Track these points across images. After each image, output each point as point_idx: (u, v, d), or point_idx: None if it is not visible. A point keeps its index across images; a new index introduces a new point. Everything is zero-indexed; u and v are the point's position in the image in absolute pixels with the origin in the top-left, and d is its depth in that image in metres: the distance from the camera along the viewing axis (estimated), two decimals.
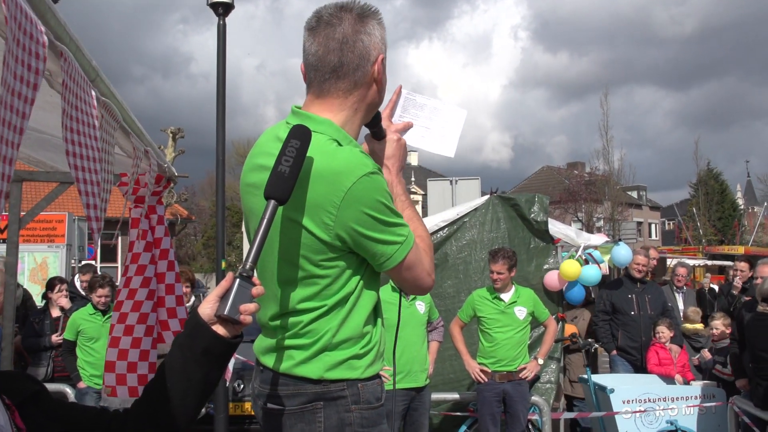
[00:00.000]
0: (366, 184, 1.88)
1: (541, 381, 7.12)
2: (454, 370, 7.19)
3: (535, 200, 7.50)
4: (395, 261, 1.98)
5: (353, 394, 2.00)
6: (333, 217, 1.89)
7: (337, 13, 2.01)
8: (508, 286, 6.10)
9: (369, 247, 1.95)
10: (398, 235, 1.97)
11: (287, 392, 2.00)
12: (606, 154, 44.62)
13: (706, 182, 50.90)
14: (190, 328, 1.64)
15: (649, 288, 7.91)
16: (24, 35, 1.52)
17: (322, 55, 2.00)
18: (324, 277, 1.96)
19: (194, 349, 1.60)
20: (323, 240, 1.92)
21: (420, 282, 2.09)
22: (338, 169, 1.88)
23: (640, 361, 7.52)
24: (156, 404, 1.61)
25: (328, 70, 2.01)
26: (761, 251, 33.50)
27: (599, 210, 45.08)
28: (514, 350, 6.00)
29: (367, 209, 1.90)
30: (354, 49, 2.00)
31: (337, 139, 1.97)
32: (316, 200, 1.89)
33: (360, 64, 2.02)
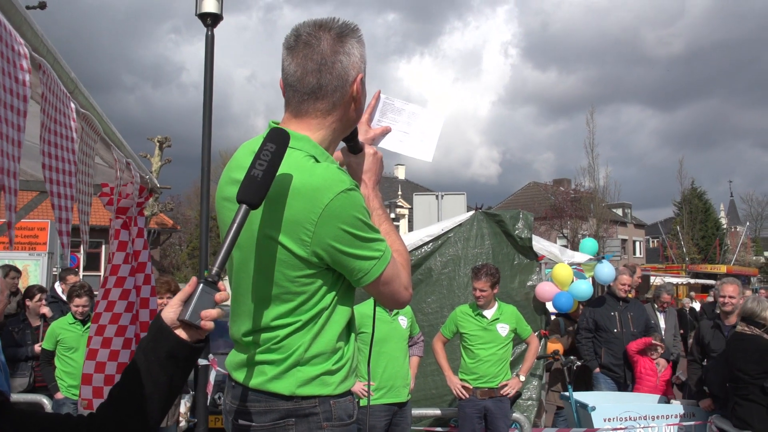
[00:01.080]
0: (343, 201, 1.87)
1: (523, 398, 7.11)
2: (436, 386, 7.17)
3: (520, 217, 7.52)
4: (372, 276, 1.97)
5: (325, 411, 1.98)
6: (310, 234, 1.88)
7: (316, 32, 2.00)
8: (491, 302, 6.09)
9: (346, 263, 1.94)
10: (376, 251, 1.96)
11: (258, 408, 1.98)
12: (592, 171, 44.92)
13: (690, 201, 51.31)
14: (153, 332, 1.63)
15: (632, 306, 7.94)
16: (6, 47, 1.50)
17: (300, 76, 1.99)
18: (300, 293, 1.95)
19: (158, 353, 1.59)
20: (300, 257, 1.90)
21: (397, 296, 2.08)
22: (315, 185, 1.87)
23: (624, 379, 7.54)
24: (121, 408, 1.59)
25: (307, 91, 2.00)
26: (743, 270, 33.78)
27: (584, 227, 45.24)
28: (496, 367, 5.98)
29: (345, 225, 1.88)
30: (332, 70, 1.99)
31: (314, 155, 1.97)
32: (294, 217, 1.87)
33: (339, 86, 2.01)
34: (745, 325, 5.74)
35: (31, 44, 1.68)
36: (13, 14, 1.52)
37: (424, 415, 6.77)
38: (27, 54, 1.57)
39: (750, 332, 5.66)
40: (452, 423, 6.62)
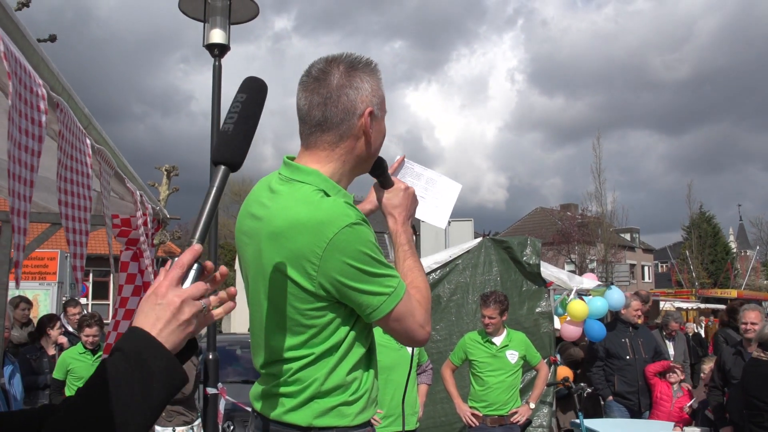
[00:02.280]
0: (348, 235, 1.86)
1: (533, 425, 7.07)
2: (446, 413, 7.14)
3: (528, 243, 7.52)
4: (382, 312, 1.94)
5: None
6: (316, 267, 1.87)
7: (325, 67, 2.03)
8: (500, 329, 6.08)
9: (354, 297, 1.92)
10: (386, 287, 1.93)
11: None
12: (599, 196, 44.91)
13: (699, 225, 51.15)
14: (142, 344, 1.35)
15: (641, 331, 7.91)
16: (25, 89, 1.53)
17: (307, 109, 2.03)
18: (311, 326, 1.94)
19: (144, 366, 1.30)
20: (307, 290, 1.90)
21: (411, 334, 2.03)
22: (321, 219, 1.87)
23: (638, 406, 7.48)
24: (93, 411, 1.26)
25: (314, 123, 2.03)
26: (754, 295, 33.52)
27: (592, 252, 45.12)
28: (506, 394, 5.95)
29: (350, 260, 1.87)
30: (338, 103, 2.00)
31: (323, 189, 1.98)
32: (300, 250, 1.88)
33: (344, 118, 2.02)
34: (761, 351, 5.68)
35: (48, 83, 1.72)
36: (31, 54, 1.55)
37: None
38: (45, 95, 1.61)
39: (766, 358, 5.61)
40: None
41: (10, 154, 1.49)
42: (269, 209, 1.98)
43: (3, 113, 1.84)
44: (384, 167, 2.22)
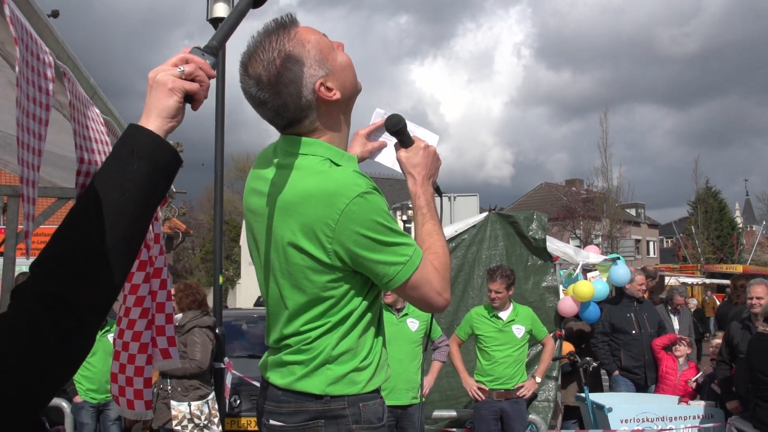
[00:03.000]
0: (360, 205, 1.85)
1: (539, 399, 7.09)
2: (452, 387, 7.16)
3: (534, 218, 7.50)
4: (398, 281, 1.94)
5: (354, 414, 1.99)
6: (330, 239, 1.87)
7: (249, 80, 1.93)
8: (507, 304, 6.08)
9: (369, 267, 1.92)
10: (400, 255, 1.92)
11: (289, 409, 2.00)
12: (605, 171, 44.75)
13: (705, 200, 50.95)
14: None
15: (646, 306, 7.92)
16: (32, 56, 1.50)
17: (271, 119, 1.98)
18: (328, 298, 1.95)
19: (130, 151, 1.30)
20: (323, 262, 1.90)
21: (430, 301, 2.02)
22: (331, 190, 1.86)
23: (644, 380, 7.50)
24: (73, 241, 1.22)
25: (285, 125, 1.99)
26: (759, 270, 33.49)
27: (597, 227, 45.06)
28: (512, 368, 5.97)
29: (363, 229, 1.87)
30: (288, 106, 1.94)
31: (330, 158, 1.96)
32: (313, 222, 1.88)
33: (305, 106, 1.95)
34: (767, 326, 5.69)
35: (53, 51, 1.69)
36: (36, 21, 1.52)
37: (439, 416, 6.76)
38: (52, 63, 1.58)
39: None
40: (468, 425, 6.61)
41: (19, 122, 1.46)
42: (275, 184, 1.97)
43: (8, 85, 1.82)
44: (403, 125, 2.17)
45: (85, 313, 1.20)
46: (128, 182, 1.25)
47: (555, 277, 7.51)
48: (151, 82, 1.41)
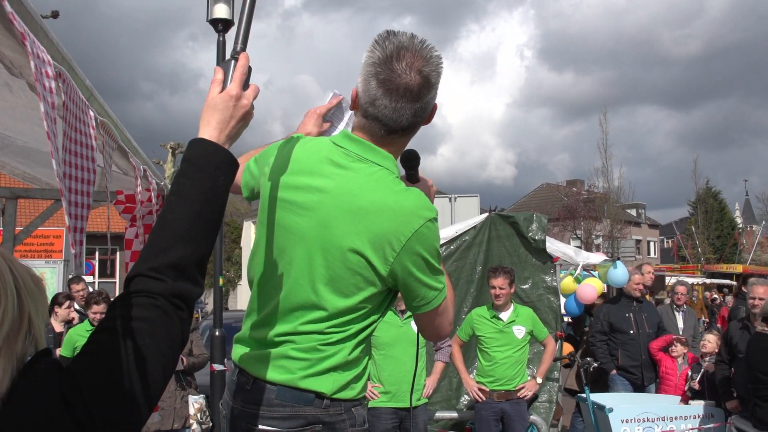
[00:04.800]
0: (430, 229, 1.94)
1: (540, 400, 7.09)
2: (452, 388, 7.16)
3: (534, 219, 7.50)
4: (432, 306, 2.02)
5: (350, 417, 2.00)
6: (395, 254, 1.92)
7: (423, 82, 1.95)
8: (508, 304, 6.07)
9: (415, 288, 1.99)
10: (440, 282, 2.02)
11: (284, 413, 1.96)
12: (605, 172, 44.76)
13: (705, 201, 51.00)
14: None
15: (645, 306, 7.90)
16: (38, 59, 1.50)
17: (395, 118, 1.97)
18: (363, 308, 2.00)
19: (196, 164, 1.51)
20: (379, 273, 1.95)
21: (442, 330, 2.15)
22: (409, 209, 1.93)
23: (641, 380, 7.50)
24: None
25: (396, 129, 2.00)
26: (759, 270, 33.49)
27: (598, 228, 45.06)
28: (513, 369, 5.97)
29: (424, 252, 1.94)
30: (424, 113, 2.01)
31: (397, 177, 2.04)
32: (384, 234, 1.92)
33: (423, 119, 2.04)
34: (765, 326, 5.68)
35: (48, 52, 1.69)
36: (29, 22, 1.52)
37: (441, 417, 6.76)
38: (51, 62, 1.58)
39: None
40: (469, 425, 6.60)
41: (49, 127, 1.47)
42: (342, 185, 1.97)
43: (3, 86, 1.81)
44: (417, 162, 2.22)
45: (189, 310, 1.41)
46: (215, 195, 1.49)
47: (555, 278, 7.51)
48: (245, 108, 1.65)
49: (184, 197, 1.44)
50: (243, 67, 1.64)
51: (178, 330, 1.35)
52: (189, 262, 1.40)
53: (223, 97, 1.60)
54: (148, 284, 1.34)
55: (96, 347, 1.25)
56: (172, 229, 1.41)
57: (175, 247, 1.38)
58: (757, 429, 5.60)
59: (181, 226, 1.41)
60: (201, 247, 1.43)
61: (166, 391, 6.07)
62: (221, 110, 1.58)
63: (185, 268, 1.39)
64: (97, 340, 1.26)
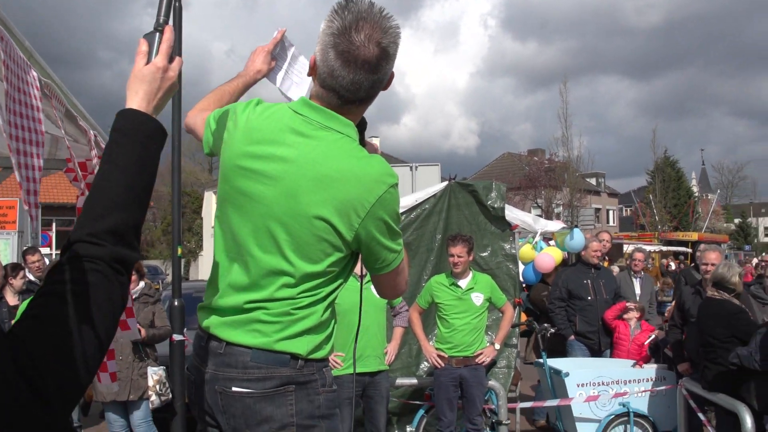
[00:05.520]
0: (392, 195, 2.03)
1: (498, 366, 7.19)
2: (412, 355, 7.23)
3: (493, 187, 7.54)
4: (393, 267, 2.14)
5: (321, 378, 2.09)
6: (360, 220, 2.00)
7: (381, 54, 1.99)
8: (466, 272, 6.13)
9: (377, 251, 2.09)
10: (399, 245, 2.14)
11: (258, 375, 2.02)
12: (566, 141, 45.14)
13: (663, 170, 51.74)
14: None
15: (603, 273, 8.04)
16: None
17: (354, 89, 2.01)
18: (331, 272, 2.07)
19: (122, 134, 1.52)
20: (344, 239, 2.02)
21: (399, 288, 2.28)
22: (374, 176, 2.00)
23: (598, 345, 7.65)
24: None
25: (355, 99, 2.05)
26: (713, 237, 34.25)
27: (558, 196, 45.54)
28: (471, 336, 6.04)
29: (387, 217, 2.03)
30: (382, 81, 2.06)
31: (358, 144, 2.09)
32: (350, 201, 1.98)
33: (380, 89, 2.10)
34: (715, 291, 5.83)
35: None
36: None
37: (400, 384, 6.82)
38: None
39: (720, 297, 5.76)
40: (428, 392, 6.68)
41: None
42: (305, 153, 2.00)
43: None
44: (364, 127, 2.25)
45: (129, 276, 1.43)
46: (148, 162, 1.50)
47: (513, 246, 7.59)
48: (172, 80, 1.65)
49: (118, 165, 1.45)
50: (169, 40, 1.65)
51: (118, 293, 1.37)
52: (126, 228, 1.42)
53: (150, 68, 1.61)
54: (87, 249, 1.36)
55: (39, 311, 1.26)
56: (108, 196, 1.42)
57: (111, 213, 1.40)
58: (706, 390, 5.77)
59: (117, 193, 1.42)
60: (136, 213, 1.45)
61: (124, 362, 6.04)
62: (149, 82, 1.60)
63: (123, 234, 1.41)
64: (40, 304, 1.28)
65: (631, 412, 6.57)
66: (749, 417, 5.23)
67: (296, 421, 2.02)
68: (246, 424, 2.03)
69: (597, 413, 6.62)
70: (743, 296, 6.00)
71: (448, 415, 6.04)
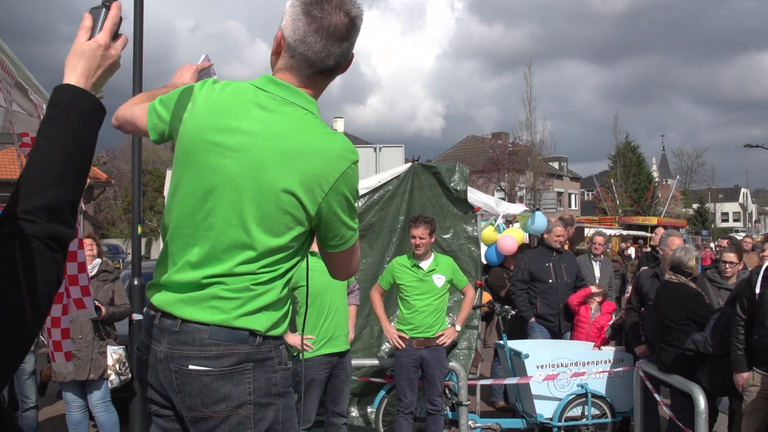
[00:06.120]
0: (354, 171, 2.07)
1: (459, 347, 7.23)
2: (374, 336, 7.23)
3: (456, 169, 7.54)
4: (349, 244, 2.18)
5: (278, 355, 2.09)
6: (323, 195, 2.02)
7: (351, 24, 2.06)
8: (428, 254, 6.14)
9: (336, 228, 2.11)
10: (356, 222, 2.18)
11: (216, 352, 2.00)
12: (529, 125, 45.47)
13: (624, 155, 52.46)
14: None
15: (565, 256, 8.11)
16: None
17: (323, 57, 2.06)
18: (291, 247, 2.08)
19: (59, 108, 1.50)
20: (308, 213, 2.04)
21: (353, 267, 2.33)
22: (338, 151, 2.03)
23: (558, 327, 7.73)
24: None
25: (323, 69, 2.09)
26: (672, 222, 34.84)
27: (522, 180, 45.91)
28: (432, 317, 6.06)
29: (348, 193, 2.07)
30: (347, 54, 2.12)
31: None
32: (315, 175, 2.00)
33: (344, 64, 2.15)
34: (672, 274, 5.92)
35: None
36: None
37: (361, 365, 6.83)
38: None
39: (677, 281, 5.85)
40: (390, 372, 6.70)
41: None
42: (270, 127, 2.02)
43: None
44: None
45: (62, 256, 1.41)
46: (85, 138, 1.47)
47: (476, 228, 7.61)
48: (113, 58, 1.63)
49: (54, 141, 1.43)
50: (115, 17, 1.62)
51: (53, 271, 1.36)
52: (61, 205, 1.40)
53: (91, 45, 1.58)
54: (21, 226, 1.34)
55: None
56: (43, 173, 1.40)
57: (47, 190, 1.38)
58: (662, 371, 5.88)
59: (53, 170, 1.40)
60: (72, 189, 1.43)
61: (84, 340, 5.95)
62: (88, 58, 1.56)
63: (58, 211, 1.39)
64: None
65: (588, 393, 6.67)
66: (702, 398, 5.34)
67: (254, 399, 2.02)
68: (202, 403, 2.00)
69: (555, 394, 6.71)
70: (700, 280, 6.11)
71: (409, 396, 6.07)
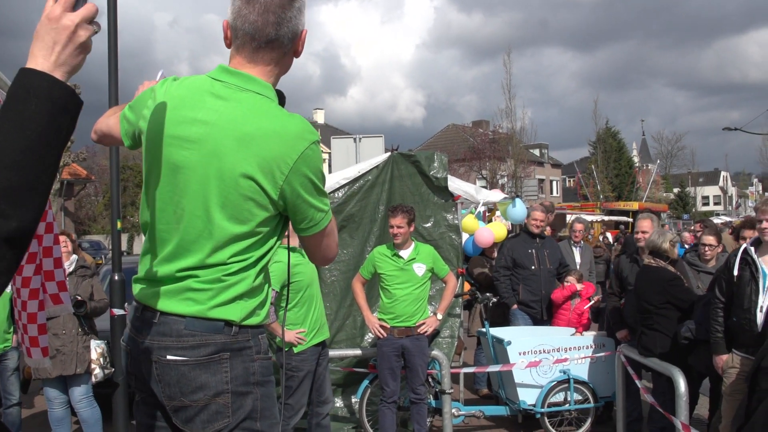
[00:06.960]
0: (314, 151, 2.03)
1: (441, 336, 7.25)
2: (356, 326, 7.24)
3: (435, 158, 7.54)
4: (320, 227, 2.15)
5: (256, 345, 2.12)
6: (283, 177, 2.00)
7: None
8: (408, 242, 6.14)
9: (304, 210, 2.09)
10: (326, 204, 2.15)
11: (193, 342, 2.03)
12: (509, 113, 45.54)
13: (605, 140, 52.70)
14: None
15: (547, 243, 8.12)
16: None
17: (261, 26, 2.05)
18: (259, 233, 2.07)
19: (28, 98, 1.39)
20: (271, 197, 2.02)
21: (331, 251, 2.28)
22: (295, 132, 2.01)
23: (541, 314, 7.76)
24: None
25: (265, 40, 2.07)
26: (654, 206, 35.08)
27: (503, 167, 46.02)
28: (413, 306, 6.07)
29: (311, 174, 2.04)
30: (290, 24, 2.08)
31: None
32: (273, 158, 1.98)
33: (292, 38, 2.11)
34: (651, 258, 5.97)
35: None
36: None
37: (344, 355, 6.84)
38: None
39: (655, 264, 5.90)
40: (373, 362, 6.71)
41: None
42: (225, 115, 2.02)
43: None
44: (283, 101, 2.27)
45: (5, 249, 1.32)
46: (27, 121, 1.34)
47: (456, 216, 7.62)
48: (70, 30, 1.45)
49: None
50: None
51: None
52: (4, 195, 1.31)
53: (42, 21, 1.45)
54: None
55: None
56: None
57: None
58: (643, 356, 5.93)
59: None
60: (9, 176, 1.32)
61: (68, 335, 5.95)
62: (41, 36, 1.44)
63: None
64: None
65: (571, 379, 6.72)
66: (683, 381, 5.39)
67: (231, 388, 2.05)
68: (181, 392, 2.05)
69: (538, 380, 6.75)
70: (679, 264, 6.16)
71: (391, 385, 6.09)
